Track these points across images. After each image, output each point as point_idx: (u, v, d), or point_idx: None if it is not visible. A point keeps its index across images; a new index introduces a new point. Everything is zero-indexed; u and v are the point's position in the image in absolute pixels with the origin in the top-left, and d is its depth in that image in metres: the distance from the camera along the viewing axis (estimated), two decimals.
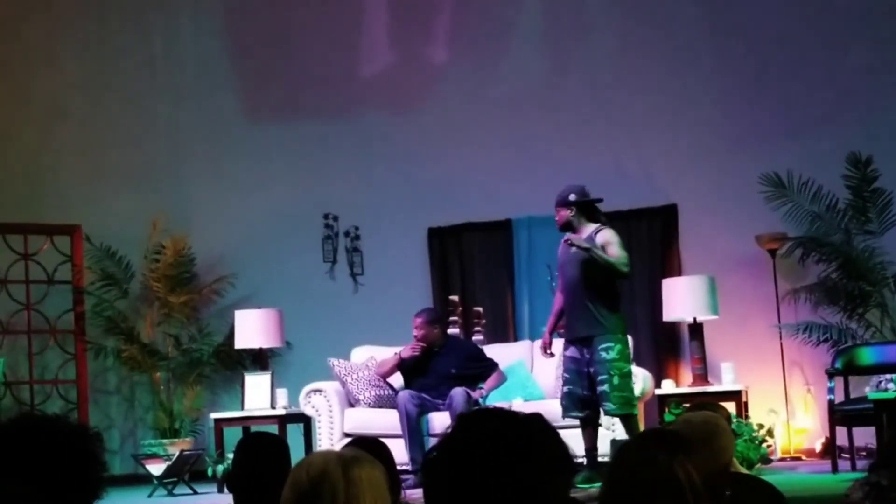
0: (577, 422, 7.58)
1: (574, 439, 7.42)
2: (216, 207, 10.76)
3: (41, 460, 2.30)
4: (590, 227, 7.58)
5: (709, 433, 3.77)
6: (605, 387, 7.45)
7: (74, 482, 2.32)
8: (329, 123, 10.71)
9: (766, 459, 8.23)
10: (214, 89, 10.97)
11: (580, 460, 7.51)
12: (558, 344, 7.93)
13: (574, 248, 7.47)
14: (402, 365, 8.86)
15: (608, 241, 7.48)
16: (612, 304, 7.57)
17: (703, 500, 2.33)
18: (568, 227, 7.62)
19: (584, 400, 7.55)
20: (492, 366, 8.78)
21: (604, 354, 7.46)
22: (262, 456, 3.73)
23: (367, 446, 3.28)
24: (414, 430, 8.37)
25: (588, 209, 7.64)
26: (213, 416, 9.45)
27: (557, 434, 1.98)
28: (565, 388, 7.62)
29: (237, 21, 11.12)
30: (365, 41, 10.94)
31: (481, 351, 9.00)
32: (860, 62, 9.83)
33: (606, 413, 7.56)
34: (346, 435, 8.56)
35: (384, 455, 3.55)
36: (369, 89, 10.81)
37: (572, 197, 7.59)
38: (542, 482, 1.88)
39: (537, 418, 1.96)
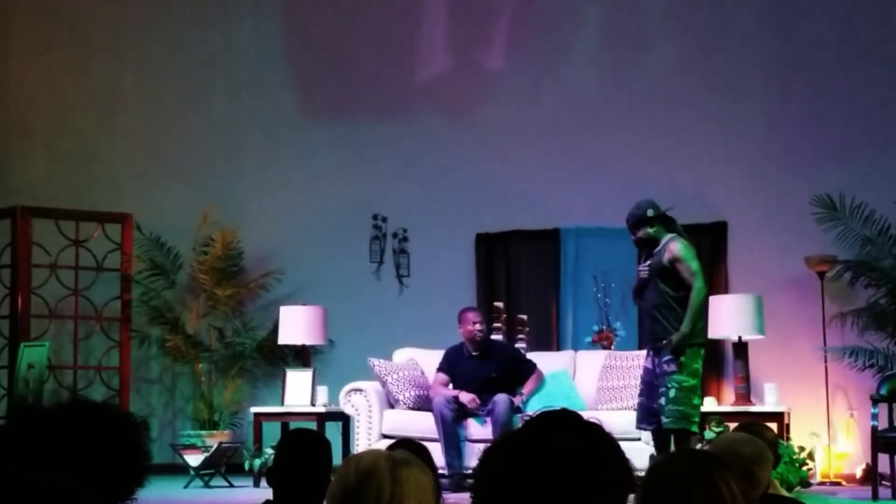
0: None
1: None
2: (267, 203, 10.81)
3: (87, 447, 2.30)
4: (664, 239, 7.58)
5: (749, 462, 3.69)
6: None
7: (119, 470, 2.32)
8: (383, 125, 10.74)
9: (805, 483, 8.17)
10: (271, 86, 11.03)
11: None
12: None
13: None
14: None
15: (677, 258, 7.45)
16: None
17: None
18: (649, 243, 7.56)
19: None
20: (531, 367, 8.79)
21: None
22: (305, 452, 3.75)
23: (411, 448, 3.29)
24: (450, 434, 8.37)
25: (666, 220, 7.61)
26: (253, 410, 9.51)
27: (620, 447, 1.98)
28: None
29: (296, 20, 11.18)
30: (422, 45, 10.96)
31: (519, 351, 9.03)
32: None
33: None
34: (385, 436, 8.57)
35: (426, 459, 3.56)
36: (424, 93, 10.82)
37: (650, 212, 7.53)
38: (602, 495, 1.87)
39: (600, 428, 1.95)
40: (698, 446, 7.05)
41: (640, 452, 7.60)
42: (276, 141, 10.98)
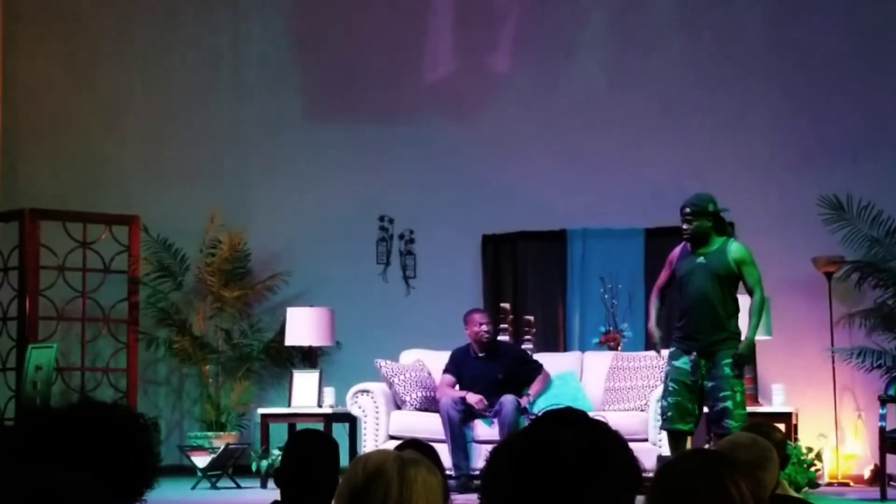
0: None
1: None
2: (273, 205, 10.82)
3: (97, 447, 2.30)
4: (717, 240, 7.27)
5: (754, 462, 3.69)
6: None
7: (128, 471, 2.32)
8: (389, 126, 10.74)
9: (813, 484, 8.16)
10: (278, 88, 11.03)
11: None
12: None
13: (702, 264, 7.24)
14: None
15: (744, 261, 7.22)
16: None
17: None
18: (702, 238, 7.25)
19: None
20: (537, 367, 8.79)
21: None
22: (313, 453, 3.75)
23: (419, 449, 3.28)
24: (457, 435, 8.37)
25: (720, 220, 7.32)
26: (260, 411, 9.51)
27: (628, 446, 1.97)
28: None
29: (303, 22, 11.18)
30: (428, 47, 10.96)
31: (525, 352, 9.02)
32: None
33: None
34: (392, 437, 8.57)
35: (434, 460, 3.56)
36: (431, 94, 10.82)
37: (711, 207, 7.23)
38: (610, 495, 1.87)
39: (607, 427, 1.95)
40: (706, 446, 7.04)
41: (647, 453, 7.62)
42: (282, 143, 10.98)
